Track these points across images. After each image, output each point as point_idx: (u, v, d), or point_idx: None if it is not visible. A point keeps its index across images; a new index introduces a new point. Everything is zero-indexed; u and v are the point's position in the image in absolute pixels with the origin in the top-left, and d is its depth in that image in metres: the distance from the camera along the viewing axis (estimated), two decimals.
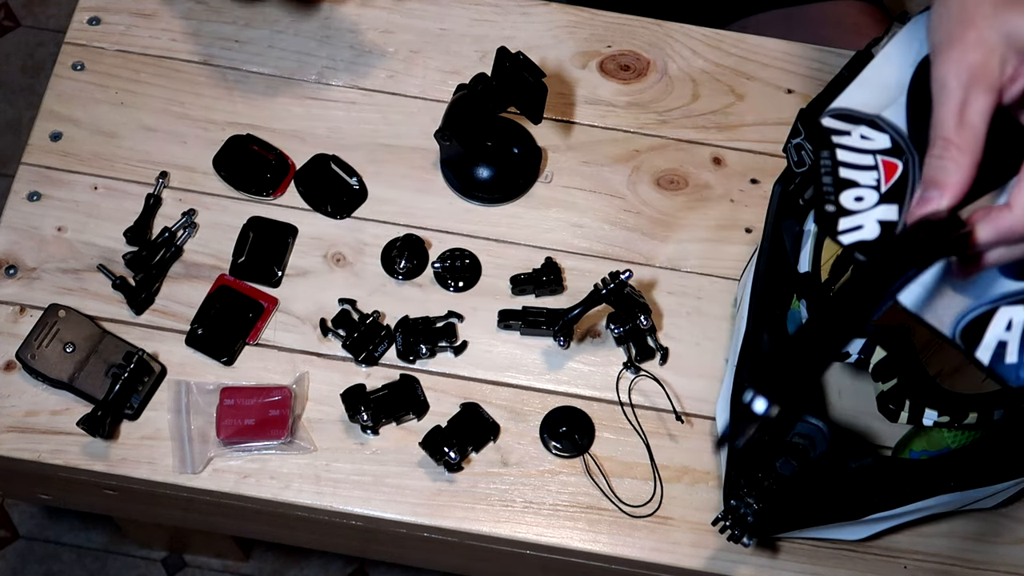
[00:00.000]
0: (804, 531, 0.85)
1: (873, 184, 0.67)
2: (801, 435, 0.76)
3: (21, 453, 0.87)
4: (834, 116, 0.71)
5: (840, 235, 0.65)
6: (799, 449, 0.76)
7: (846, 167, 0.68)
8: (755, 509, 0.76)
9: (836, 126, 0.70)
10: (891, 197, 0.66)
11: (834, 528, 0.84)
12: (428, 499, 0.87)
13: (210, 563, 1.55)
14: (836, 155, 0.68)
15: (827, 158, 0.68)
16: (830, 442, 0.75)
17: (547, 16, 1.06)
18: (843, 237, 0.65)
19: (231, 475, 0.87)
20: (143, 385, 0.88)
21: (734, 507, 0.77)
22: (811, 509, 0.80)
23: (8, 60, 1.88)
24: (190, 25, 1.03)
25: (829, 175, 0.67)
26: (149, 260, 0.93)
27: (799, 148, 0.76)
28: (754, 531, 0.77)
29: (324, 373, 0.91)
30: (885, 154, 0.68)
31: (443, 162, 0.98)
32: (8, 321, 0.91)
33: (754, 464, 0.76)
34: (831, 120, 0.71)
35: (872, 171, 0.68)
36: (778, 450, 0.75)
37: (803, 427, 0.76)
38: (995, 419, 0.76)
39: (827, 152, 0.68)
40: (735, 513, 0.78)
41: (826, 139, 0.69)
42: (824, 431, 0.76)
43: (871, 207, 0.66)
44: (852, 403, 0.92)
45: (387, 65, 1.03)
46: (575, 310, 0.89)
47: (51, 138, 0.98)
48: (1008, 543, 0.89)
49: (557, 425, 0.90)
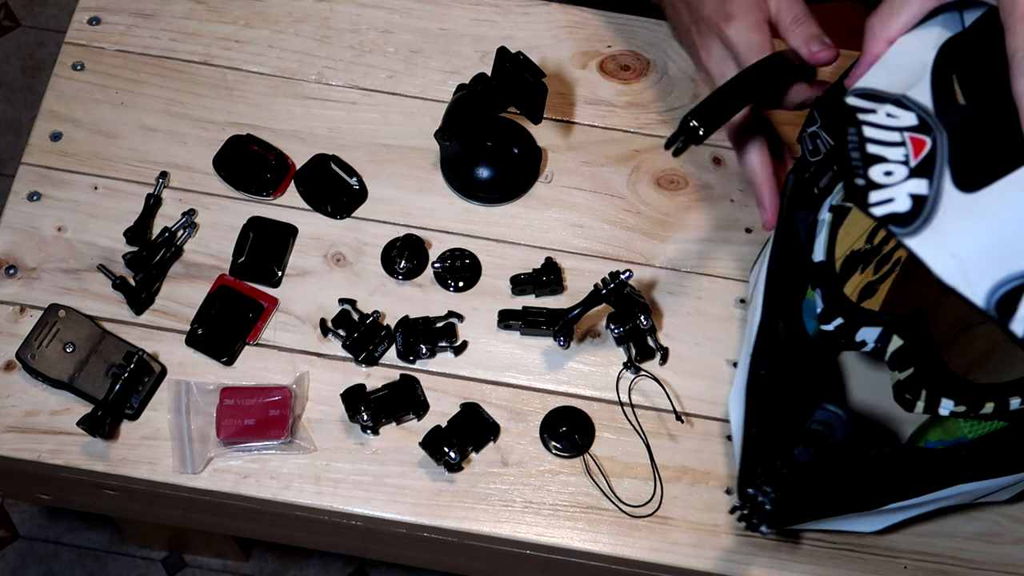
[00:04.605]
0: (820, 523, 0.84)
1: (902, 159, 0.68)
2: (820, 422, 0.76)
3: (21, 453, 0.87)
4: (858, 95, 0.72)
5: (871, 207, 0.66)
6: (817, 436, 0.76)
7: (873, 143, 0.69)
8: (773, 497, 0.76)
9: (861, 104, 0.72)
10: (921, 172, 0.67)
11: (850, 519, 0.84)
12: (428, 499, 0.87)
13: (210, 563, 1.55)
14: (863, 131, 0.69)
15: (854, 134, 0.69)
16: (849, 429, 0.76)
17: (547, 16, 1.06)
18: (874, 209, 0.66)
19: (231, 475, 0.87)
20: (143, 385, 0.88)
21: (751, 495, 0.77)
22: (828, 498, 0.80)
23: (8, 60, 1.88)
24: (190, 25, 1.03)
25: (857, 150, 0.69)
26: (149, 260, 0.93)
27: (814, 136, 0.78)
28: (772, 520, 0.77)
29: (324, 373, 0.91)
30: (912, 131, 0.69)
31: (443, 162, 0.98)
32: (8, 321, 0.91)
33: (772, 452, 0.76)
34: (856, 99, 0.72)
35: (900, 147, 0.69)
36: (796, 438, 0.76)
37: (821, 414, 0.76)
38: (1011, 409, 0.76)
39: (853, 128, 0.70)
40: (752, 501, 0.77)
41: (852, 116, 0.71)
42: (843, 418, 0.76)
43: (901, 181, 0.67)
44: (869, 393, 0.92)
45: (387, 65, 1.03)
46: (575, 310, 0.89)
47: (51, 138, 0.98)
48: (1008, 543, 0.89)
49: (557, 425, 0.90)
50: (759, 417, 0.81)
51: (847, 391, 0.92)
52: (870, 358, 0.92)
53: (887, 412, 0.91)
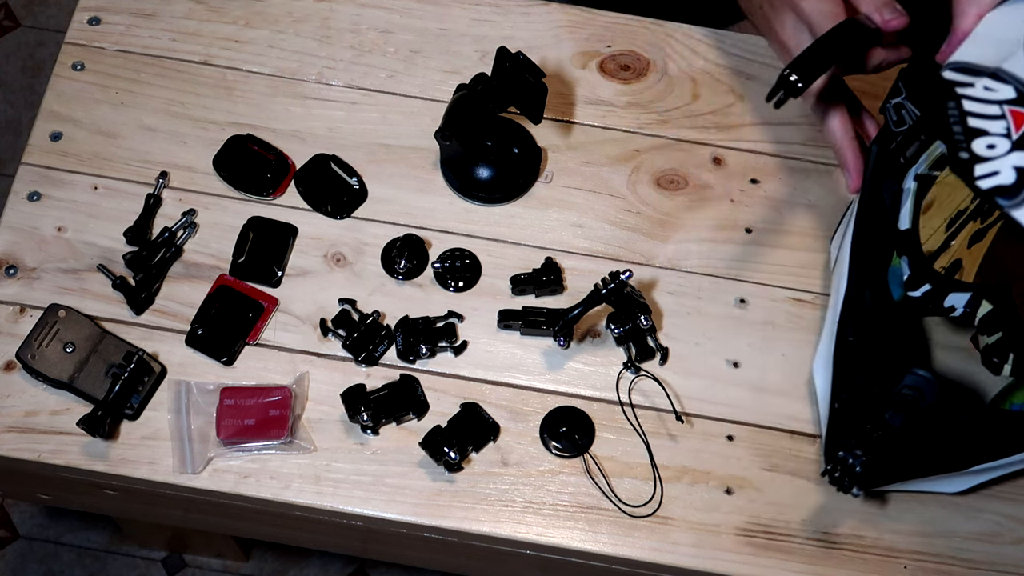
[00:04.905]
0: (906, 484, 0.86)
1: (1003, 132, 0.69)
2: (910, 387, 0.78)
3: (21, 453, 0.87)
4: (954, 69, 0.74)
5: (977, 181, 0.68)
6: (908, 401, 0.78)
7: (974, 116, 0.71)
8: (863, 460, 0.78)
9: (958, 78, 0.73)
10: (1023, 144, 0.69)
11: (935, 481, 0.85)
12: (428, 499, 0.87)
13: (210, 563, 1.55)
14: (963, 105, 0.71)
15: (954, 108, 0.71)
16: (939, 393, 0.77)
17: (547, 16, 1.06)
18: (981, 183, 0.68)
19: (231, 475, 0.87)
20: (143, 385, 0.88)
21: (842, 458, 0.79)
22: (916, 460, 0.82)
23: (8, 60, 1.88)
24: (190, 25, 1.03)
25: (958, 124, 0.70)
26: (149, 260, 0.93)
27: (899, 108, 0.81)
28: (862, 481, 0.79)
29: (324, 373, 0.91)
30: (1012, 104, 0.71)
31: (443, 162, 0.98)
32: (8, 321, 0.91)
33: (862, 416, 0.78)
34: (952, 73, 0.74)
35: (1000, 120, 0.70)
36: (887, 402, 0.78)
37: (912, 379, 0.78)
38: None
39: (953, 103, 0.72)
40: (843, 464, 0.79)
41: (950, 90, 0.72)
42: (933, 382, 0.78)
43: (1005, 154, 0.68)
44: (954, 358, 0.93)
45: (387, 65, 1.03)
46: (575, 310, 0.89)
47: (51, 138, 0.98)
48: (1008, 543, 0.89)
49: (557, 425, 0.90)
50: (848, 382, 0.83)
51: (932, 358, 0.94)
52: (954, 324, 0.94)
53: (973, 377, 0.93)
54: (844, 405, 0.83)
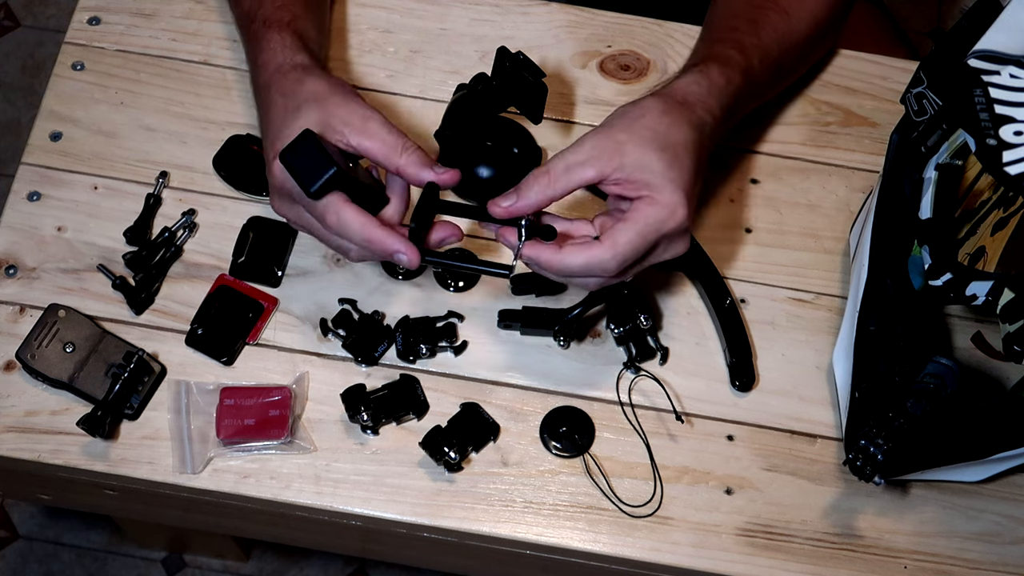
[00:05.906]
0: (927, 473, 0.86)
1: None
2: (932, 375, 0.79)
3: (21, 453, 0.87)
4: (979, 57, 0.75)
5: (1005, 167, 0.69)
6: (930, 389, 0.78)
7: (1001, 104, 0.71)
8: (885, 448, 0.78)
9: (984, 66, 0.74)
10: None
11: (956, 469, 0.86)
12: (428, 499, 0.87)
13: (210, 563, 1.55)
14: (989, 93, 0.72)
15: (980, 95, 0.72)
16: (961, 382, 0.78)
17: (547, 16, 1.06)
18: (1009, 168, 0.69)
19: (231, 475, 0.87)
20: (143, 385, 0.88)
21: (863, 447, 0.79)
22: (938, 448, 0.82)
23: (8, 60, 1.88)
24: (190, 25, 1.03)
25: (985, 111, 0.71)
26: (149, 260, 0.93)
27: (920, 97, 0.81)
28: (884, 469, 0.79)
29: (324, 373, 0.91)
30: None
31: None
32: (8, 321, 0.91)
33: (884, 405, 0.79)
34: (977, 61, 0.74)
35: None
36: (909, 391, 0.78)
37: (934, 367, 0.79)
38: None
39: (980, 90, 0.72)
40: (865, 453, 0.79)
41: (976, 78, 0.73)
42: (955, 371, 0.78)
43: None
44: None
45: (387, 65, 1.03)
46: (575, 310, 0.89)
47: (51, 138, 0.98)
48: (1008, 543, 0.89)
49: (557, 425, 0.90)
50: (869, 372, 0.83)
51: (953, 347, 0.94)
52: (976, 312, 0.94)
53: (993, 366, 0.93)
54: (865, 394, 0.83)
